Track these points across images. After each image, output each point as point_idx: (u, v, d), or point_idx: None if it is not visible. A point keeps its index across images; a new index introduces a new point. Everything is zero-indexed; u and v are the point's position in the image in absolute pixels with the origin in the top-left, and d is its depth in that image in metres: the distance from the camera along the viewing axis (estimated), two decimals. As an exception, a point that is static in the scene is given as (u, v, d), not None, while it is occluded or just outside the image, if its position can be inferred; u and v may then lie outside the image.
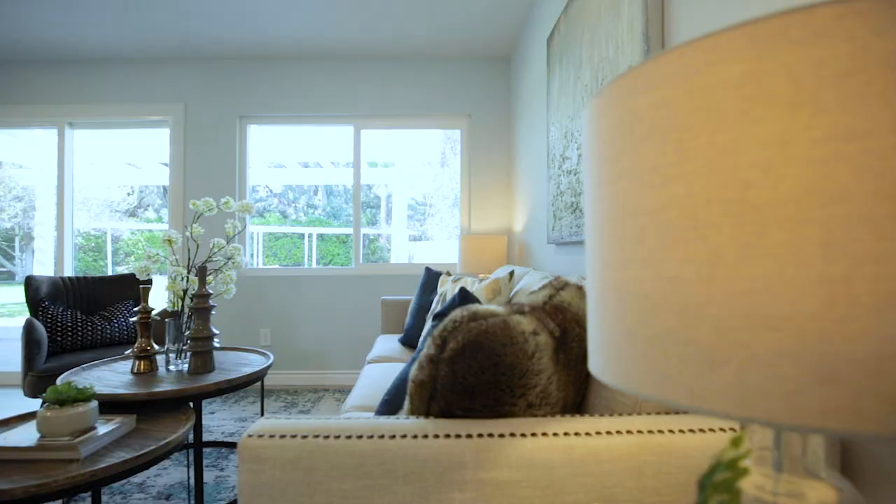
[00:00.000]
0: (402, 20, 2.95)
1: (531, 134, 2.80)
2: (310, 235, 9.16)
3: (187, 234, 2.07)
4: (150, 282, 3.05)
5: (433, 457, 0.70)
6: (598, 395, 0.90)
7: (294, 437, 0.72)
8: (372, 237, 9.25)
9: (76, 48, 3.31)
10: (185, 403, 1.78)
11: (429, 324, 2.07)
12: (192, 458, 2.24)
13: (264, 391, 3.19)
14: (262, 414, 2.22)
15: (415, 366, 0.87)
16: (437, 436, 0.72)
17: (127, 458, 1.33)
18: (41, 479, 1.22)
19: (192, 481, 2.03)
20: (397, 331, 2.79)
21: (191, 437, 2.20)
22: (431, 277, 2.41)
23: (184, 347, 2.02)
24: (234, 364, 2.09)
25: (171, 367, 2.00)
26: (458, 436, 0.72)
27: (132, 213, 9.93)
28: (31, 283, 2.57)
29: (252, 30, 3.06)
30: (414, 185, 8.02)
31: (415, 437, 0.72)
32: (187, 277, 2.03)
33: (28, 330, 2.32)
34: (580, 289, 1.04)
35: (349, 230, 9.63)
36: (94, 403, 1.47)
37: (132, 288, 2.92)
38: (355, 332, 3.41)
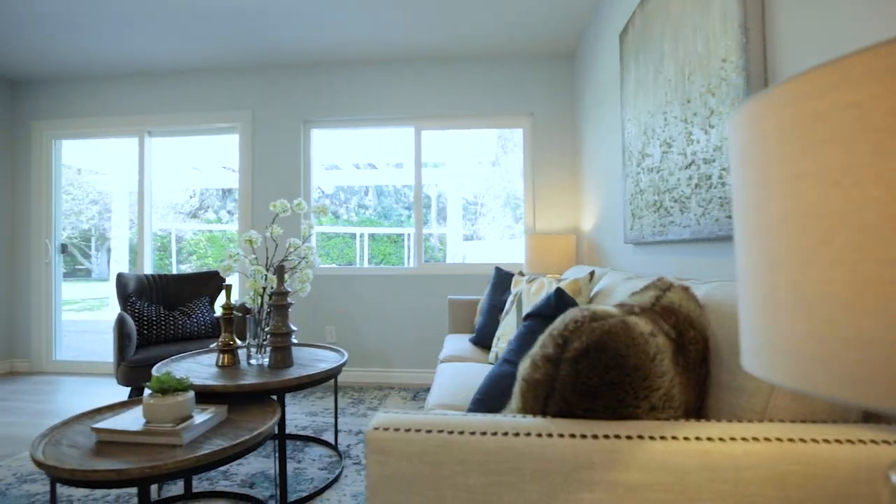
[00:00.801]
0: (464, 20, 2.96)
1: (600, 131, 2.74)
2: (361, 235, 9.36)
3: (267, 234, 2.16)
4: (223, 280, 3.21)
5: (560, 456, 0.69)
6: (719, 400, 0.86)
7: (418, 431, 0.73)
8: (424, 237, 9.34)
9: (154, 62, 3.53)
10: (269, 396, 1.86)
11: (505, 324, 2.06)
12: (275, 449, 2.33)
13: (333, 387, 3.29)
14: (336, 410, 2.28)
15: (525, 365, 0.86)
16: (561, 435, 0.71)
17: (225, 446, 1.40)
18: (153, 461, 1.30)
19: (275, 471, 2.11)
20: (465, 330, 2.80)
21: (275, 429, 2.29)
22: (502, 277, 2.40)
23: (263, 343, 2.12)
24: (309, 360, 2.16)
25: (253, 361, 2.10)
26: (583, 436, 0.71)
27: (194, 215, 10.50)
28: (120, 280, 2.76)
29: (316, 37, 3.16)
30: (464, 184, 8.03)
31: (539, 435, 0.71)
32: (266, 276, 2.12)
33: (120, 323, 2.49)
34: (686, 290, 1.01)
35: (400, 230, 9.77)
36: (191, 393, 1.56)
37: (207, 285, 3.08)
38: (418, 331, 3.45)
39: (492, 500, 0.70)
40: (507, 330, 2.06)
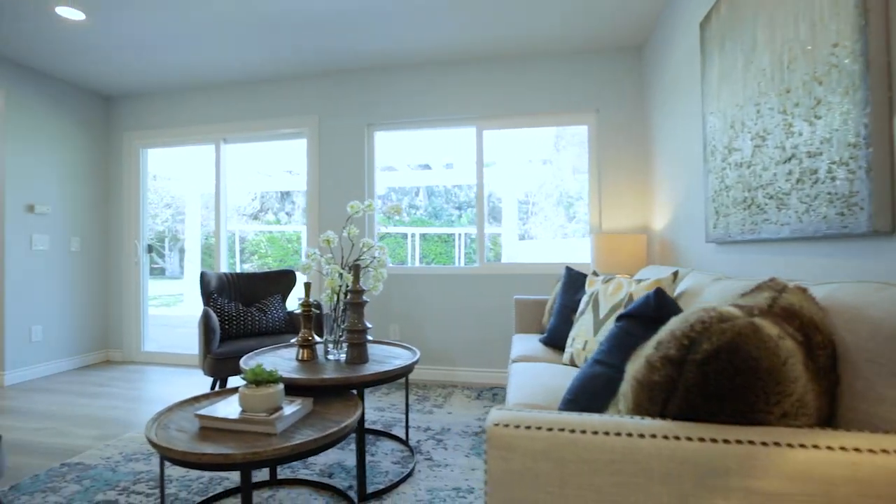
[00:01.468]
0: (525, 17, 2.94)
1: (674, 126, 2.64)
2: (413, 235, 9.49)
3: (344, 234, 2.23)
4: (294, 276, 3.35)
5: (691, 459, 0.67)
6: (853, 410, 0.81)
7: (539, 428, 0.74)
8: (473, 237, 9.35)
9: (228, 74, 3.74)
10: (349, 391, 1.93)
11: (580, 324, 2.02)
12: (354, 441, 2.41)
13: (400, 384, 3.37)
14: (407, 406, 2.33)
15: (637, 366, 0.85)
16: (690, 438, 0.69)
17: (316, 436, 1.47)
18: (254, 448, 1.38)
19: (355, 463, 2.19)
20: (533, 330, 2.79)
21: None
22: (573, 277, 2.37)
23: (340, 339, 2.19)
24: (383, 356, 2.22)
25: (330, 357, 2.18)
26: (714, 440, 0.69)
27: (255, 217, 11.02)
28: (203, 278, 2.95)
29: (380, 42, 3.23)
30: (515, 183, 7.97)
31: (665, 437, 0.70)
32: (342, 274, 2.19)
33: (206, 319, 2.65)
34: (804, 291, 0.95)
35: (451, 230, 9.83)
36: (282, 386, 1.64)
37: (279, 283, 3.23)
38: (481, 330, 3.47)
39: (618, 501, 0.69)
40: (583, 330, 2.02)
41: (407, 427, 2.38)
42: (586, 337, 1.99)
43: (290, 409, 1.62)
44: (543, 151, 7.22)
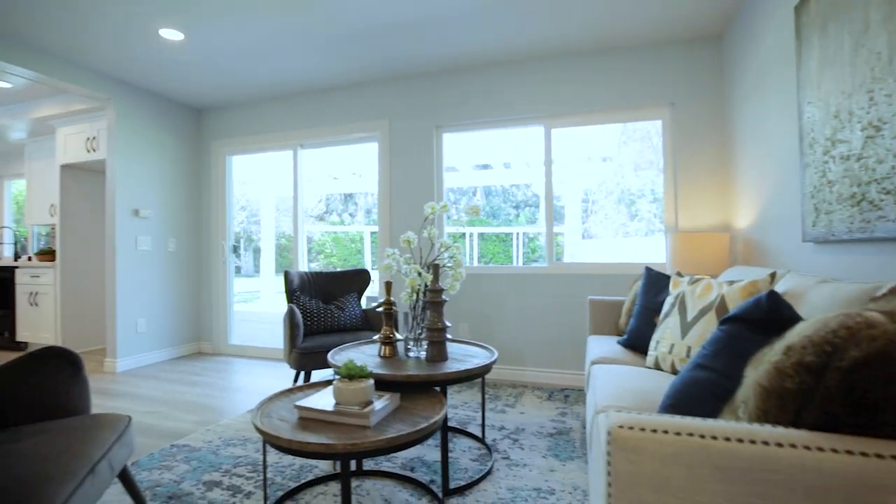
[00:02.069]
0: (600, 12, 2.87)
1: (763, 118, 2.49)
2: (471, 235, 9.52)
3: (424, 234, 2.29)
4: (368, 275, 3.47)
5: (841, 473, 0.65)
6: None
7: (666, 432, 0.73)
8: (531, 236, 9.25)
9: (305, 82, 3.94)
10: (432, 387, 1.98)
11: (665, 327, 1.96)
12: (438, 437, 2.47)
13: (470, 383, 3.41)
14: (483, 404, 2.37)
15: (763, 371, 0.82)
16: (835, 450, 0.66)
17: (409, 431, 1.52)
18: (353, 439, 1.46)
19: (440, 458, 2.25)
20: (608, 331, 2.73)
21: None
22: (654, 278, 2.30)
23: (419, 336, 2.26)
24: (461, 355, 2.26)
25: (410, 354, 2.25)
26: (864, 454, 0.65)
27: (321, 218, 11.50)
28: (287, 276, 3.13)
29: (449, 46, 3.28)
30: (575, 182, 7.80)
31: (807, 448, 0.67)
32: (421, 273, 2.25)
33: (291, 315, 2.82)
34: (950, 295, 0.88)
35: (509, 229, 9.77)
36: (372, 381, 1.71)
37: (355, 282, 3.36)
38: (551, 330, 3.44)
39: (755, 511, 0.68)
40: (668, 333, 1.96)
41: (483, 425, 2.41)
42: (672, 340, 1.93)
43: (381, 403, 1.69)
44: (604, 149, 7.01)
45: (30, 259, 5.00)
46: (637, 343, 2.25)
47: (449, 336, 2.22)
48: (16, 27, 3.04)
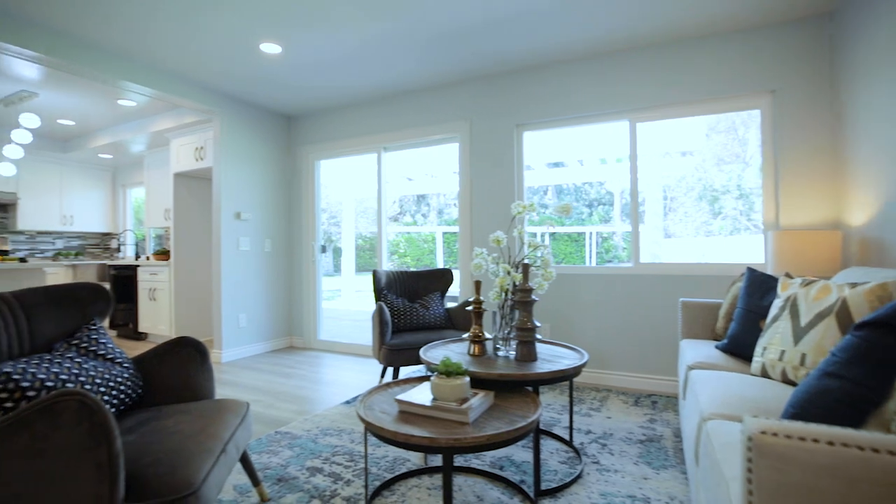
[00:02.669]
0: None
1: (890, 101, 2.23)
2: (542, 235, 9.37)
3: (514, 234, 2.30)
4: (451, 275, 3.53)
5: None
6: None
7: (817, 441, 0.70)
8: (605, 235, 8.94)
9: (388, 86, 4.10)
10: (524, 387, 1.99)
11: (773, 332, 1.83)
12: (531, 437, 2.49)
13: (554, 385, 3.38)
14: (571, 407, 2.34)
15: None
16: None
17: (508, 429, 1.54)
18: (455, 434, 1.50)
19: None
20: (702, 336, 2.59)
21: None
22: (758, 279, 2.15)
23: (508, 336, 2.27)
24: (550, 355, 2.25)
25: (500, 353, 2.27)
26: None
27: (395, 219, 11.87)
28: (375, 275, 3.27)
29: (532, 42, 3.26)
30: (654, 178, 7.43)
31: None
32: (510, 272, 2.27)
33: (380, 312, 2.95)
34: None
35: (582, 228, 9.50)
36: (468, 378, 1.75)
37: (438, 281, 3.45)
38: (636, 333, 3.32)
39: (928, 534, 0.62)
40: (778, 339, 1.82)
41: (571, 428, 2.38)
42: (783, 346, 1.79)
43: (477, 400, 1.72)
44: (684, 143, 6.61)
45: (148, 258, 5.63)
46: (738, 348, 2.11)
47: (539, 336, 2.21)
48: (139, 50, 3.44)
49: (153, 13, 2.88)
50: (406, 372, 3.74)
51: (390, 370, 3.81)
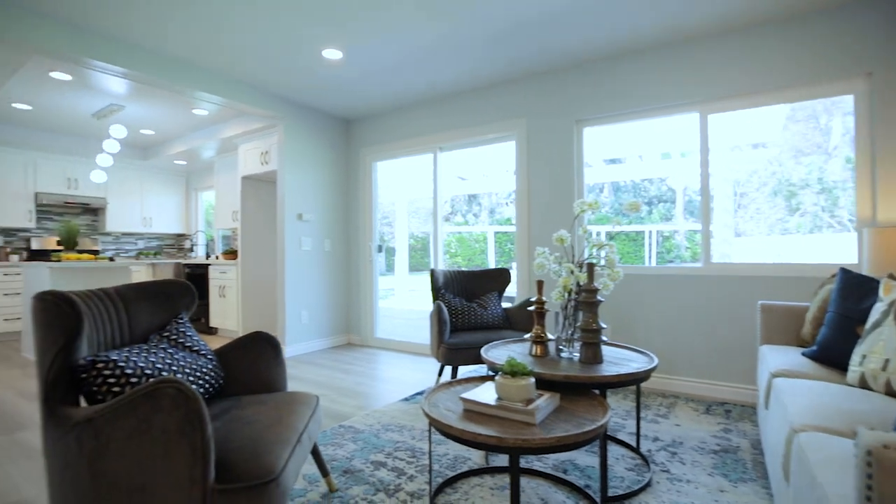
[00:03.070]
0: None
1: None
2: (598, 233, 9.11)
3: (578, 232, 2.25)
4: (508, 274, 3.50)
5: None
6: None
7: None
8: (666, 234, 8.54)
9: (447, 87, 4.12)
10: (590, 390, 1.94)
11: (875, 339, 1.67)
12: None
13: (616, 389, 3.28)
14: (639, 413, 2.25)
15: None
16: None
17: (577, 432, 1.50)
18: (523, 435, 1.48)
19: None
20: (784, 341, 2.41)
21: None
22: (854, 281, 1.97)
23: (572, 337, 2.22)
24: (617, 358, 2.17)
25: (563, 354, 2.22)
26: None
27: (446, 219, 11.95)
28: (433, 275, 3.30)
29: (593, 34, 3.16)
30: (721, 173, 7.01)
31: None
32: (573, 272, 2.21)
33: (438, 311, 2.97)
34: None
35: (641, 227, 9.14)
36: (533, 379, 1.72)
37: (496, 281, 3.42)
38: (706, 337, 3.14)
39: None
40: (880, 346, 1.66)
41: (638, 435, 2.29)
42: (887, 355, 1.64)
43: (544, 402, 1.69)
44: (756, 134, 6.17)
45: (217, 258, 5.98)
46: (830, 356, 1.94)
47: (605, 338, 2.15)
48: (211, 61, 3.66)
49: (223, 26, 3.05)
50: (463, 371, 3.75)
51: (447, 369, 3.83)
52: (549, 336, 2.29)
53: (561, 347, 2.22)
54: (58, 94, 4.54)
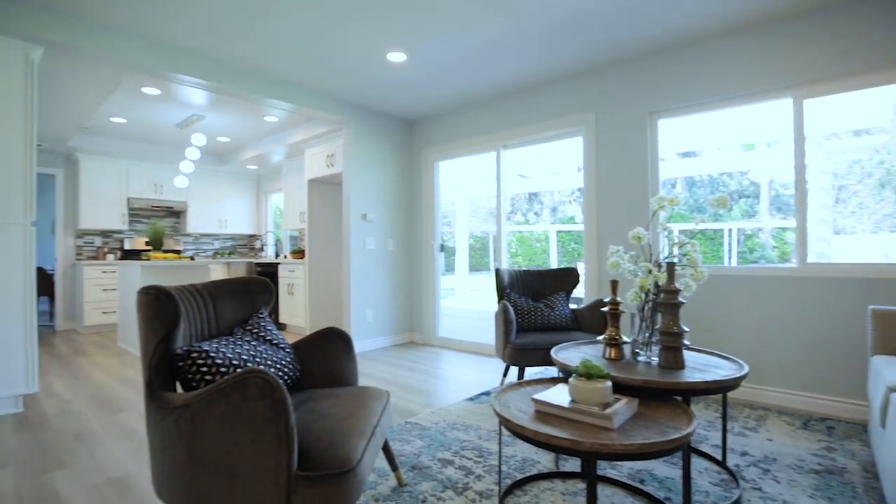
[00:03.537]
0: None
1: None
2: (669, 232, 8.62)
3: (657, 230, 2.13)
4: (577, 274, 3.38)
5: None
6: None
7: None
8: (749, 232, 7.93)
9: (507, 84, 4.07)
10: (672, 396, 1.82)
11: None
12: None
13: (698, 398, 3.08)
14: (725, 425, 2.08)
15: None
16: None
17: (659, 440, 1.40)
18: (601, 440, 1.41)
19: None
20: (902, 351, 2.15)
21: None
22: None
23: (650, 340, 2.10)
24: (700, 364, 2.03)
25: (640, 358, 2.10)
26: None
27: (507, 218, 11.83)
28: (498, 274, 3.26)
29: (666, 20, 2.98)
30: (815, 165, 6.39)
31: None
32: (651, 271, 2.09)
33: (504, 311, 2.92)
34: None
35: (719, 225, 8.56)
36: (610, 382, 1.64)
37: (564, 281, 3.32)
38: (804, 345, 2.86)
39: None
40: None
41: (724, 447, 2.12)
42: None
43: (621, 406, 1.60)
44: (859, 120, 5.57)
45: (286, 257, 6.28)
46: (964, 369, 1.69)
47: (687, 342, 2.01)
48: (280, 69, 3.83)
49: (291, 35, 3.17)
50: (530, 373, 3.67)
51: (513, 370, 3.77)
52: (625, 339, 2.18)
53: (637, 351, 2.11)
54: (148, 107, 4.96)
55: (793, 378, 2.89)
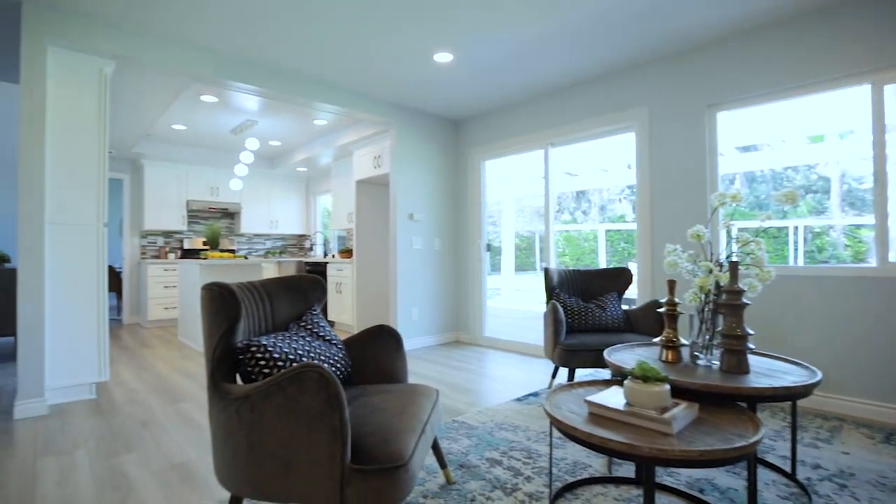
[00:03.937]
0: None
1: None
2: (728, 229, 8.18)
3: (719, 228, 2.02)
4: (629, 274, 3.27)
5: None
6: None
7: None
8: (817, 230, 7.39)
9: (554, 81, 3.98)
10: (735, 402, 1.72)
11: None
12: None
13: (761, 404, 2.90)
14: (794, 435, 1.94)
15: None
16: None
17: (722, 447, 1.32)
18: (660, 444, 1.35)
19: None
20: None
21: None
22: None
23: (711, 343, 1.99)
24: (766, 369, 1.90)
25: (700, 362, 2.00)
26: None
27: (554, 217, 11.61)
28: (547, 274, 3.20)
29: (725, 9, 2.82)
30: (892, 155, 5.88)
31: None
32: (712, 271, 1.98)
33: (554, 311, 2.86)
34: None
35: (784, 223, 8.03)
36: (668, 385, 1.57)
37: (615, 281, 3.22)
38: (886, 351, 2.63)
39: None
40: None
41: (794, 459, 1.98)
42: None
43: (680, 410, 1.53)
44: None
45: (334, 256, 6.44)
46: None
47: (752, 346, 1.89)
48: (329, 74, 3.92)
49: (338, 39, 3.24)
50: (580, 375, 3.58)
51: (562, 371, 3.69)
52: (682, 341, 2.08)
53: (697, 354, 2.01)
54: (205, 114, 5.23)
55: (872, 387, 2.66)
